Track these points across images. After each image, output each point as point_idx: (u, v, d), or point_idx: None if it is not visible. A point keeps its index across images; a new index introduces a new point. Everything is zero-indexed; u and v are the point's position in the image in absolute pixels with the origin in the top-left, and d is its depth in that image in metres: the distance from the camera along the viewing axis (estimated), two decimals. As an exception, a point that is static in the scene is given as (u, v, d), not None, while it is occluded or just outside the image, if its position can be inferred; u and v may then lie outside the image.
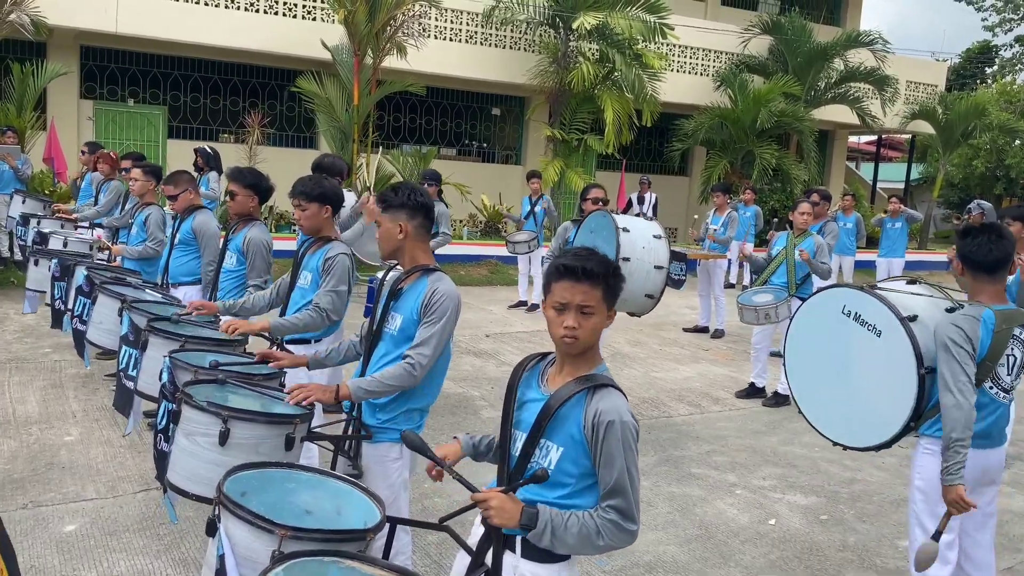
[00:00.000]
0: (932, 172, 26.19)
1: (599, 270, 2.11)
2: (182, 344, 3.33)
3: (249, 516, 1.92)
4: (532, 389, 2.25)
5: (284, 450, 2.50)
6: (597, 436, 2.06)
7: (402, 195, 2.99)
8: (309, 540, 1.89)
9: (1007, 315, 3.17)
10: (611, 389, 2.13)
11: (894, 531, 4.74)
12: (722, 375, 8.26)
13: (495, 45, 15.84)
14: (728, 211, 10.06)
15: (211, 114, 15.26)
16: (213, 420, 2.44)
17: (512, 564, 2.15)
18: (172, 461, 2.54)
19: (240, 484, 2.13)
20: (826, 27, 20.25)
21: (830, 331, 3.59)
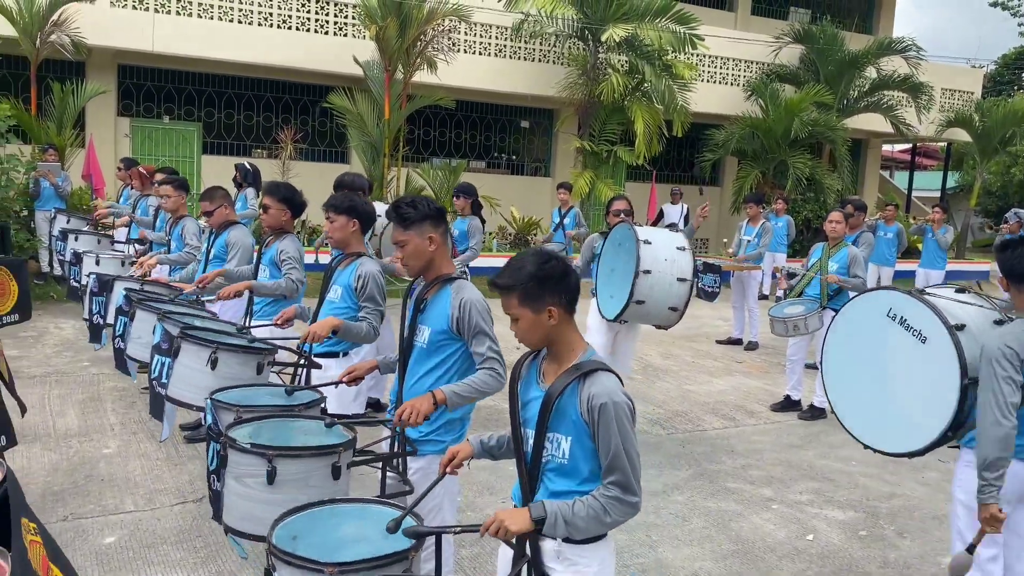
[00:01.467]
0: (969, 180, 25.75)
1: (502, 282, 2.31)
2: (214, 350, 3.37)
3: (297, 560, 2.02)
4: (532, 387, 2.38)
5: (332, 479, 2.53)
6: (593, 419, 2.19)
7: (421, 207, 3.01)
8: (355, 571, 1.98)
9: None
10: (600, 373, 2.25)
11: (936, 548, 4.63)
12: (756, 388, 8.16)
13: (524, 58, 15.89)
14: (762, 222, 9.96)
15: (245, 130, 15.47)
16: (259, 461, 2.48)
17: (555, 549, 2.25)
18: (226, 504, 2.60)
19: (289, 529, 2.20)
20: (858, 35, 20.04)
21: (872, 333, 3.53)
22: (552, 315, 2.28)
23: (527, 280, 2.27)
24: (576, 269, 4.42)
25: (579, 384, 2.23)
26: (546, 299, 2.28)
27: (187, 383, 3.41)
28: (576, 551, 2.25)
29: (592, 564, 2.26)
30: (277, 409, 3.04)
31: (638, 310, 5.60)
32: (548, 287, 2.28)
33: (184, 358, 3.43)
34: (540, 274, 2.28)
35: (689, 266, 5.63)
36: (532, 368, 2.42)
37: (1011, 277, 3.18)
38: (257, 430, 2.74)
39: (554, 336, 2.32)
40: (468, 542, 4.24)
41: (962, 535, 3.32)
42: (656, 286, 5.50)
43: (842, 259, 6.80)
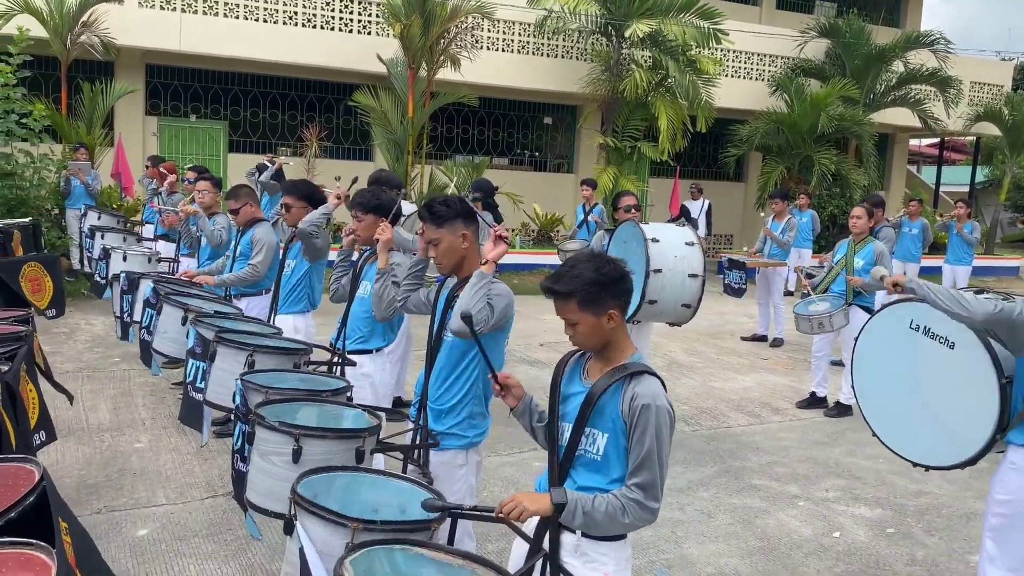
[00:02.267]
0: (998, 175, 25.35)
1: (563, 288, 2.28)
2: (251, 354, 3.41)
3: (324, 512, 2.06)
4: (575, 383, 2.39)
5: (355, 463, 2.58)
6: (633, 418, 2.20)
7: (454, 205, 3.05)
8: (379, 531, 2.02)
9: None
10: (646, 376, 2.26)
11: (965, 546, 4.60)
12: (782, 384, 8.12)
13: (547, 55, 15.89)
14: (788, 217, 9.90)
15: (270, 128, 15.61)
16: (286, 439, 2.53)
17: (574, 544, 2.27)
18: (250, 480, 2.64)
19: (311, 487, 2.24)
20: (885, 28, 19.82)
21: (898, 348, 3.52)
22: (612, 319, 2.28)
23: (587, 285, 2.26)
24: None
25: (624, 384, 2.25)
26: (607, 303, 2.27)
27: (225, 386, 3.44)
28: (595, 547, 2.26)
29: (609, 562, 2.27)
30: (305, 393, 3.08)
31: (651, 309, 5.57)
32: (609, 291, 2.28)
33: (221, 362, 3.48)
34: (600, 279, 2.27)
35: (700, 261, 5.58)
36: (577, 364, 2.44)
37: None
38: (285, 410, 2.78)
39: (610, 339, 2.32)
40: (495, 535, 4.27)
41: (996, 536, 3.29)
42: (668, 285, 5.47)
43: (868, 255, 6.73)
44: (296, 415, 2.79)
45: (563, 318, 2.32)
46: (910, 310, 3.48)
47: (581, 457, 2.29)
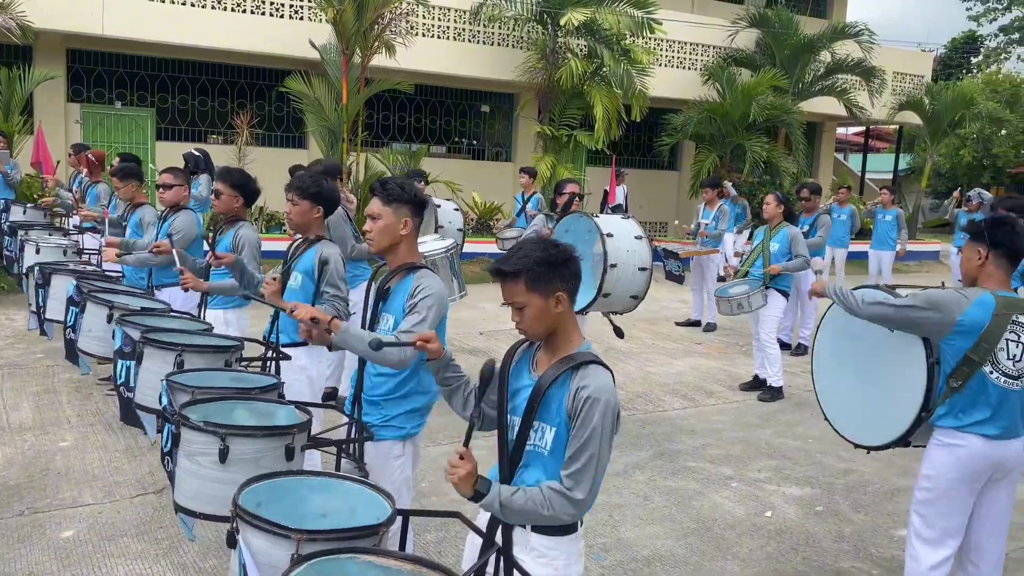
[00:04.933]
0: (920, 162, 26.33)
1: (511, 268, 2.23)
2: (179, 353, 3.31)
3: (265, 524, 1.98)
4: (524, 376, 2.35)
5: (285, 461, 2.52)
6: (577, 410, 2.17)
7: (408, 190, 3.02)
8: (324, 540, 1.96)
9: (1009, 301, 3.21)
10: (595, 366, 2.24)
11: (889, 521, 4.78)
12: (715, 368, 8.29)
13: (483, 42, 15.82)
14: (719, 205, 10.09)
15: (199, 115, 15.20)
16: (211, 439, 2.46)
17: (524, 539, 2.26)
18: (177, 482, 2.57)
19: (255, 496, 2.18)
20: (812, 19, 20.28)
21: (850, 333, 3.68)
22: (560, 301, 2.24)
23: (535, 264, 2.22)
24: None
25: (571, 375, 2.21)
26: (555, 284, 2.23)
27: (153, 388, 3.31)
28: (544, 541, 2.25)
29: (559, 557, 2.26)
30: (233, 391, 2.99)
31: (603, 302, 5.73)
32: (557, 272, 2.24)
33: (148, 363, 3.35)
34: (548, 258, 2.23)
35: (648, 255, 5.76)
36: (526, 356, 2.40)
37: (1000, 249, 3.25)
38: (211, 410, 2.71)
39: (557, 326, 2.27)
40: (433, 527, 4.27)
41: (922, 511, 3.41)
42: (621, 278, 5.61)
43: (783, 239, 7.06)
44: (224, 414, 2.71)
45: (510, 302, 2.26)
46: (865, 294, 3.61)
47: (531, 451, 2.27)
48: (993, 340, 3.15)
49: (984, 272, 3.27)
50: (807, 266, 7.18)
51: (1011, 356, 3.19)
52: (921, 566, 3.40)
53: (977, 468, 3.26)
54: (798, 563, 4.23)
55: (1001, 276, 3.27)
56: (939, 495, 3.33)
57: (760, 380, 7.43)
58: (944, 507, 3.34)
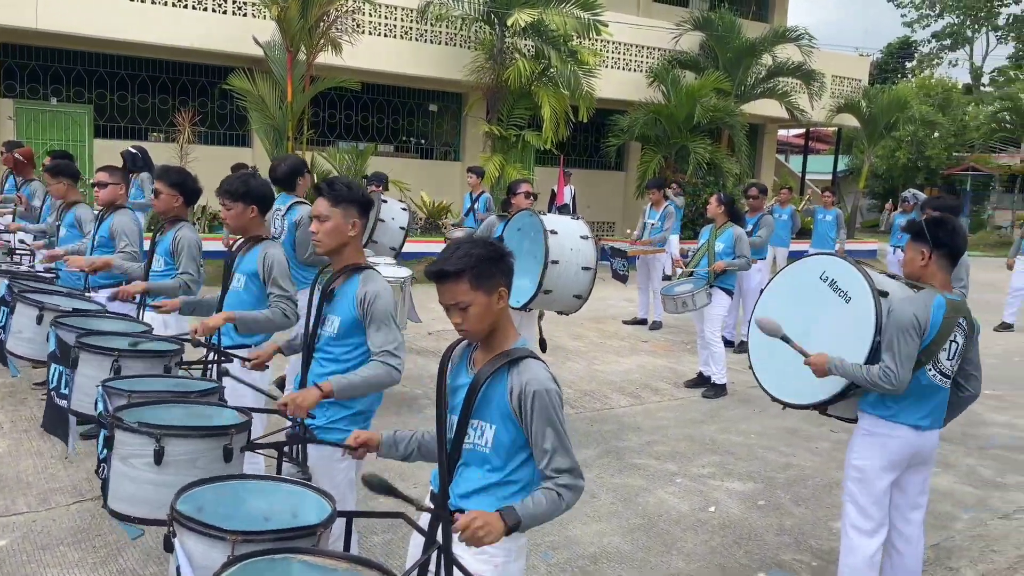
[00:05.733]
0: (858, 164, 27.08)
1: (454, 267, 2.19)
2: (116, 359, 3.21)
3: (200, 527, 1.96)
4: (462, 374, 2.35)
5: (223, 462, 2.46)
6: (525, 407, 2.18)
7: (356, 190, 3.00)
8: (261, 542, 1.94)
9: (955, 305, 3.32)
10: (529, 360, 2.24)
11: (828, 513, 4.90)
12: (661, 366, 8.41)
13: (430, 41, 15.77)
14: (664, 205, 10.23)
15: (139, 112, 14.84)
16: (146, 440, 2.39)
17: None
18: (111, 487, 2.49)
19: (195, 500, 2.14)
20: (754, 23, 20.71)
21: (803, 294, 3.71)
22: (502, 297, 2.24)
23: (479, 261, 2.20)
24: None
25: (507, 371, 2.22)
26: (497, 279, 2.23)
27: (90, 395, 3.20)
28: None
29: (499, 554, 2.27)
30: (172, 395, 2.93)
31: (544, 299, 5.72)
32: (498, 267, 2.23)
33: (84, 368, 3.24)
34: (490, 255, 2.22)
35: (592, 255, 5.79)
36: (464, 355, 2.39)
37: (942, 250, 3.34)
38: (148, 412, 2.64)
39: (497, 323, 2.27)
40: (380, 529, 4.25)
41: (855, 500, 3.52)
42: (563, 275, 5.62)
43: (728, 239, 7.22)
44: (161, 417, 2.65)
45: (452, 302, 2.22)
46: (827, 262, 3.68)
47: (470, 451, 2.27)
48: (941, 343, 3.28)
49: (927, 272, 3.38)
50: (749, 266, 7.38)
51: (950, 356, 3.33)
52: (858, 557, 3.50)
53: (902, 456, 3.40)
54: (741, 556, 4.32)
55: (943, 276, 3.38)
56: (870, 484, 3.45)
57: (704, 377, 7.56)
58: (875, 496, 3.46)
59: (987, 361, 9.55)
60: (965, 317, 3.35)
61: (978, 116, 30.77)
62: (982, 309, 11.23)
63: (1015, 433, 6.66)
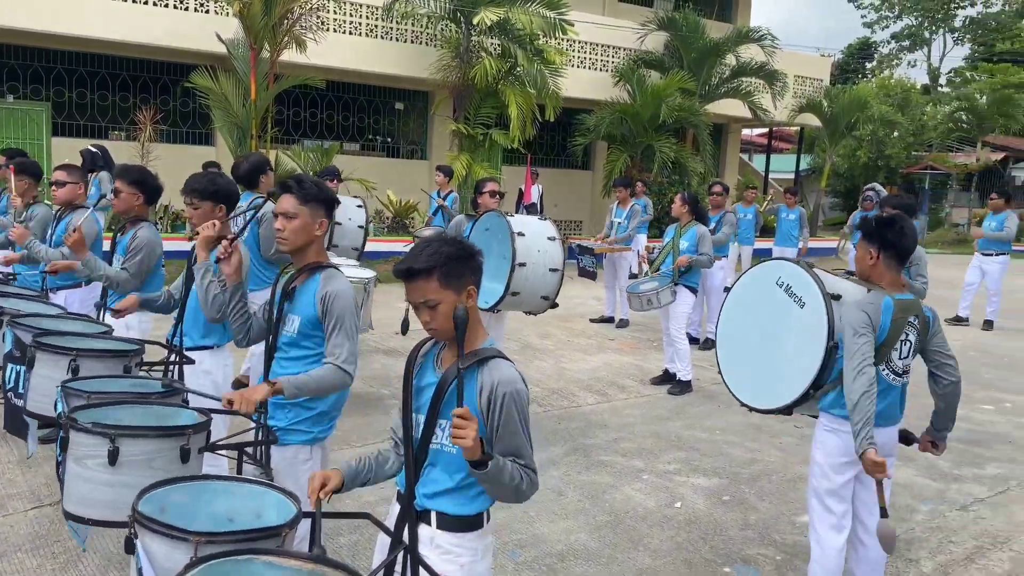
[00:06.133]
0: (820, 163, 27.49)
1: (423, 265, 2.17)
2: (73, 358, 3.15)
3: (162, 528, 1.93)
4: (428, 374, 2.33)
5: (180, 463, 2.43)
6: (494, 407, 2.16)
7: (325, 190, 2.97)
8: (224, 543, 1.92)
9: (904, 304, 3.37)
10: (498, 360, 2.23)
11: (792, 508, 4.97)
12: (627, 363, 8.46)
13: (396, 39, 15.69)
14: (631, 204, 10.32)
15: (99, 110, 14.58)
16: (100, 441, 2.35)
17: (429, 536, 2.26)
18: (66, 489, 2.45)
19: (157, 501, 2.11)
20: (718, 23, 20.91)
21: (761, 300, 3.77)
22: (471, 295, 2.23)
23: (448, 259, 2.18)
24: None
25: (477, 371, 2.20)
26: (467, 278, 2.22)
27: (47, 395, 3.14)
28: (449, 539, 2.25)
29: (465, 553, 2.26)
30: (132, 396, 2.87)
31: (513, 300, 5.75)
32: (467, 265, 2.22)
33: (41, 368, 3.17)
34: (460, 253, 2.21)
35: (560, 256, 5.81)
36: (430, 354, 2.37)
37: (890, 250, 3.39)
38: (105, 413, 2.60)
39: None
40: (346, 530, 4.22)
41: (819, 495, 3.58)
42: (530, 277, 5.64)
43: (691, 237, 7.33)
44: (118, 418, 2.60)
45: (421, 300, 2.20)
46: (782, 268, 3.73)
47: (437, 451, 2.26)
48: (892, 343, 3.33)
49: (876, 271, 3.44)
50: (712, 263, 7.51)
51: (902, 355, 3.39)
52: (827, 552, 3.55)
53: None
54: (706, 552, 4.36)
55: (892, 275, 3.44)
56: (831, 479, 3.51)
57: (670, 374, 7.62)
58: (837, 490, 3.52)
59: (945, 356, 9.63)
60: (916, 315, 3.41)
61: (936, 116, 31.44)
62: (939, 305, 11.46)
63: (972, 427, 6.81)
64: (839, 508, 3.53)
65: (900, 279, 3.48)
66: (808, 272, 3.59)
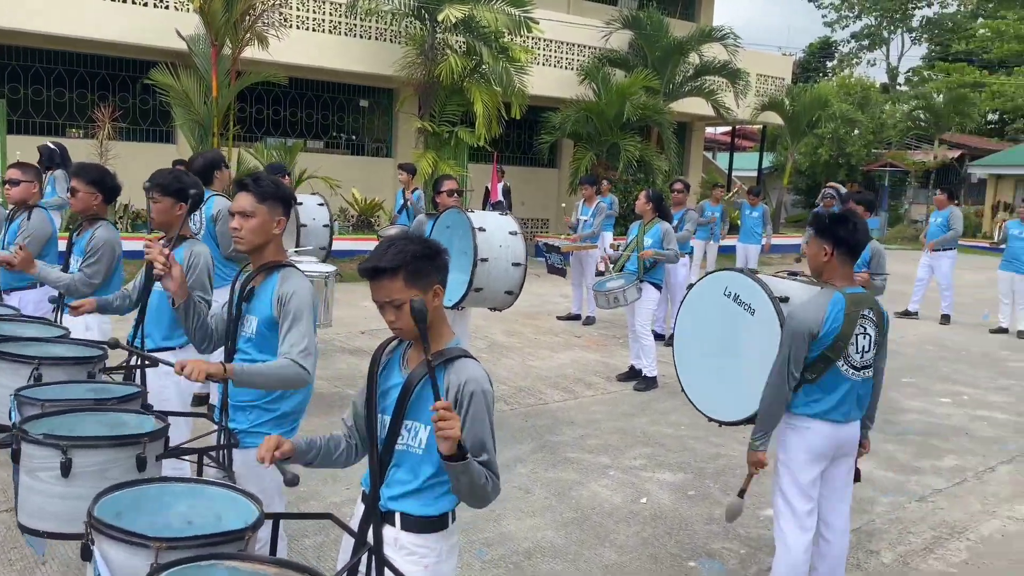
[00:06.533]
0: (782, 161, 27.87)
1: (389, 264, 2.15)
2: (36, 367, 3.07)
3: (121, 534, 1.87)
4: (394, 374, 2.31)
5: (136, 472, 2.37)
6: (461, 406, 2.15)
7: (282, 188, 2.94)
8: (186, 548, 1.87)
9: (856, 298, 3.43)
10: (465, 360, 2.22)
11: (756, 502, 5.02)
12: (594, 360, 8.51)
13: (360, 36, 15.58)
14: (596, 202, 10.37)
15: (56, 108, 14.27)
16: (52, 452, 2.29)
17: (393, 537, 2.25)
18: (20, 501, 2.39)
19: (114, 505, 2.05)
20: (682, 22, 21.06)
21: (713, 312, 3.82)
22: (437, 295, 2.21)
23: (414, 259, 2.16)
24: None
25: (443, 370, 2.19)
26: (433, 277, 2.20)
27: (5, 404, 2.98)
28: (414, 539, 2.24)
29: (429, 554, 2.25)
30: (90, 403, 2.79)
31: (476, 296, 5.73)
32: (433, 264, 2.21)
33: (1, 378, 3.09)
34: (426, 252, 2.19)
35: (522, 250, 5.81)
36: (395, 355, 2.35)
37: (842, 247, 3.45)
38: (59, 423, 2.53)
39: (432, 320, 2.20)
40: (312, 532, 4.19)
41: (782, 491, 3.63)
42: (493, 272, 5.63)
43: (655, 234, 7.41)
44: (72, 427, 2.53)
45: (386, 300, 2.18)
46: (727, 278, 3.77)
47: (403, 452, 2.24)
48: (846, 338, 3.38)
49: (829, 267, 3.50)
50: (677, 259, 7.58)
51: (859, 349, 3.44)
52: (793, 552, 3.58)
53: (824, 448, 3.51)
54: (672, 547, 4.40)
55: (845, 271, 3.51)
56: (795, 476, 3.56)
57: (636, 370, 7.68)
58: (802, 488, 3.56)
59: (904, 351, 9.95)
60: (871, 308, 3.47)
61: (895, 114, 32.05)
62: (898, 300, 11.75)
63: (929, 419, 6.96)
64: (804, 507, 3.57)
65: (852, 274, 3.55)
66: (752, 279, 3.65)
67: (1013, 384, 8.32)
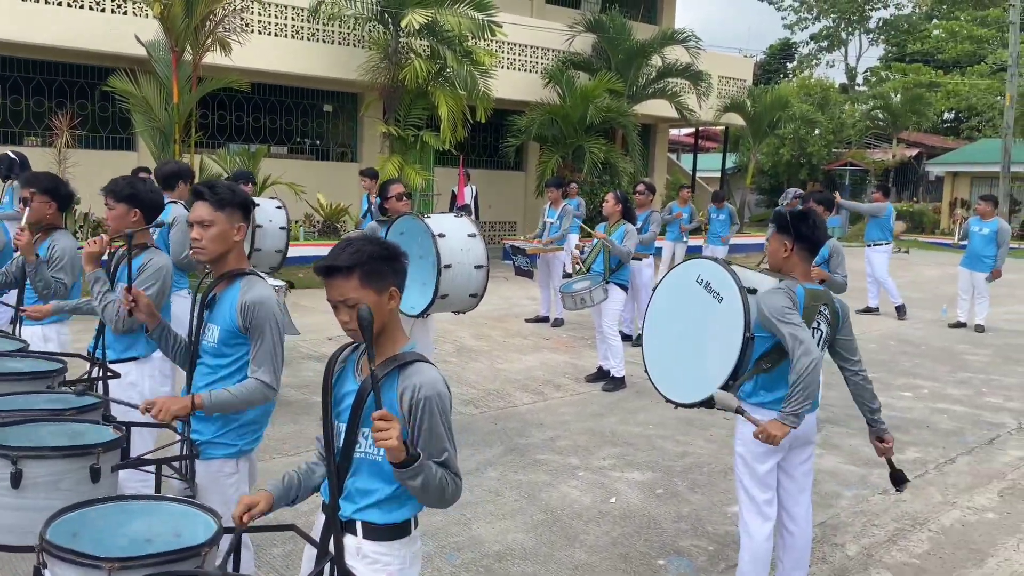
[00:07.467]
0: (745, 161, 28.20)
1: (344, 263, 2.13)
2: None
3: (72, 556, 1.85)
4: (348, 380, 2.28)
5: (90, 483, 2.33)
6: (416, 411, 2.11)
7: (240, 194, 2.91)
8: (140, 567, 1.85)
9: (815, 294, 3.52)
10: (419, 364, 2.19)
11: (723, 498, 5.09)
12: (562, 362, 8.54)
13: (323, 40, 15.49)
14: (563, 205, 10.42)
15: (12, 115, 13.99)
16: (1, 463, 2.26)
17: (355, 546, 2.22)
18: None
19: (68, 526, 2.02)
20: (644, 25, 21.24)
21: (683, 298, 3.85)
22: (393, 297, 2.18)
23: (371, 259, 2.14)
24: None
25: (397, 375, 2.17)
26: (389, 279, 2.18)
27: None
28: (376, 548, 2.21)
29: (393, 562, 2.23)
30: (46, 413, 2.75)
31: (441, 303, 5.71)
32: (390, 266, 2.18)
33: None
34: (383, 253, 2.17)
35: (483, 252, 5.77)
36: (350, 361, 2.32)
37: (803, 243, 3.52)
38: (11, 433, 2.49)
39: (386, 324, 2.19)
40: (280, 541, 4.16)
41: (744, 484, 3.68)
42: (457, 278, 5.61)
43: (620, 236, 7.50)
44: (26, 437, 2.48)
45: (341, 299, 2.14)
46: (702, 266, 3.82)
47: (361, 459, 2.21)
48: None
49: (789, 263, 3.58)
50: (628, 257, 7.53)
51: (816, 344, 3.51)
52: (755, 540, 3.65)
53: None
54: (641, 545, 4.43)
55: (804, 267, 3.59)
56: (752, 468, 3.62)
57: (604, 371, 7.73)
58: (760, 478, 3.63)
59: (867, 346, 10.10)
60: (827, 304, 3.55)
61: (854, 114, 32.62)
62: (858, 297, 11.96)
63: (892, 413, 7.08)
64: (763, 496, 3.64)
65: (811, 270, 3.63)
66: (725, 268, 3.70)
67: (971, 377, 8.50)
